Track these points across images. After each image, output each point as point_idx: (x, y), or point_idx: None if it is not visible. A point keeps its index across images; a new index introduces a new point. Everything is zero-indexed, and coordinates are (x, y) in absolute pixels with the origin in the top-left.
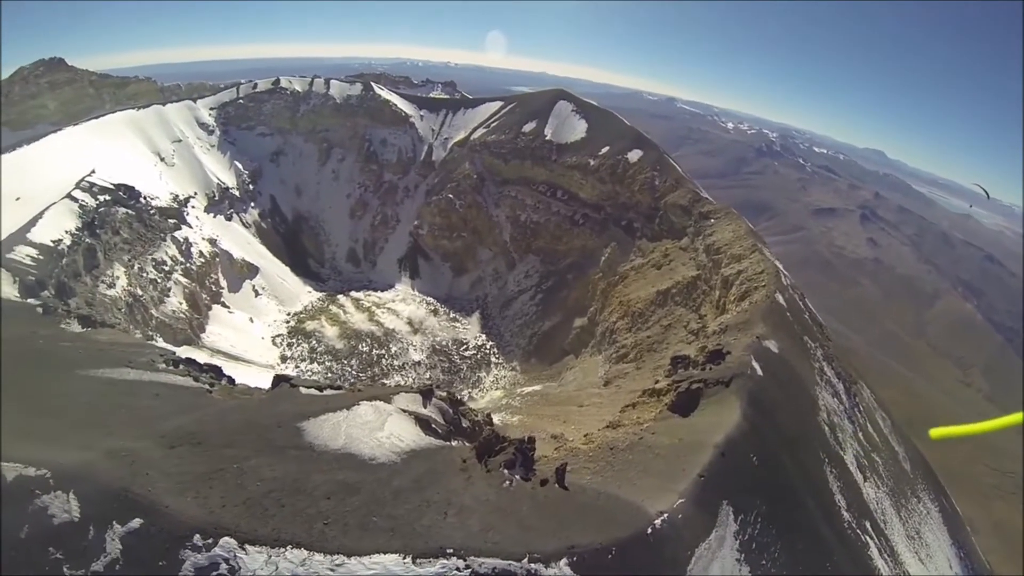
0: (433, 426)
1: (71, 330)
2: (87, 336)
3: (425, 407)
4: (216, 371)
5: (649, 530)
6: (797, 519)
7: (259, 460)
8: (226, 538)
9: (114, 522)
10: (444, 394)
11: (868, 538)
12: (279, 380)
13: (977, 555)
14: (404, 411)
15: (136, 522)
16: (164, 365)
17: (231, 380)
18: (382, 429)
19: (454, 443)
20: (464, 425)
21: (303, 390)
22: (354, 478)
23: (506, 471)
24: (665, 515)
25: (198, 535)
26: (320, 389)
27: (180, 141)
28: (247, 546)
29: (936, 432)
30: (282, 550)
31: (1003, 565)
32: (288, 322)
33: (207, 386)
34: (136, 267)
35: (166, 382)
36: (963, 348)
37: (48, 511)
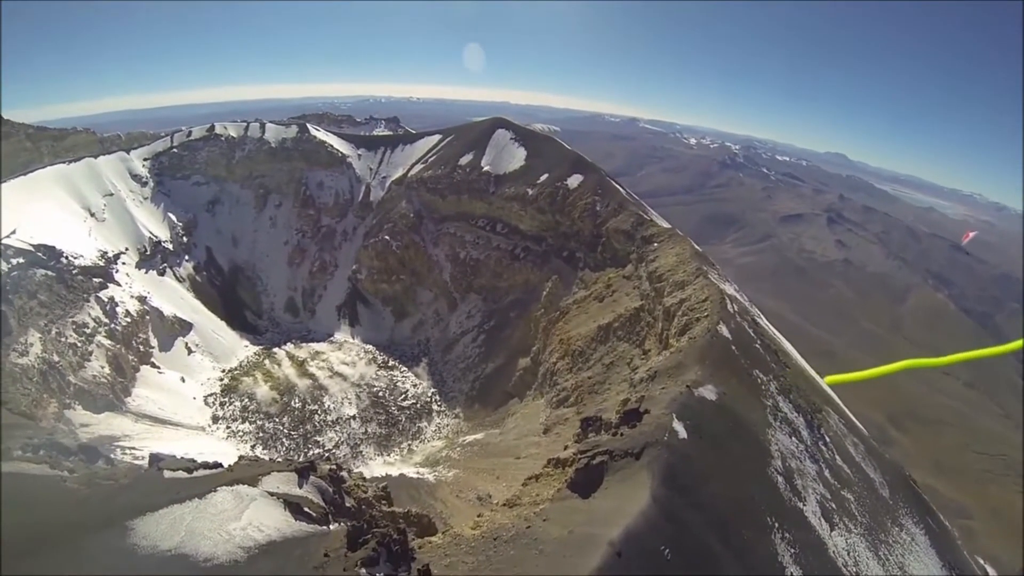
0: (307, 510)
1: None
2: None
3: (301, 487)
4: (90, 453)
5: None
6: None
7: (61, 571)
8: None
9: None
10: (328, 468)
11: None
12: (154, 459)
13: (971, 568)
14: (272, 494)
15: None
16: (21, 452)
17: (109, 460)
18: (239, 519)
19: (333, 527)
20: (348, 505)
21: (167, 473)
22: None
23: (364, 571)
24: None
25: None
26: (189, 471)
27: (112, 195)
28: None
29: (830, 379)
30: None
31: (1003, 548)
32: (222, 380)
33: (64, 473)
34: (53, 331)
35: (14, 472)
36: (939, 338)
37: None
